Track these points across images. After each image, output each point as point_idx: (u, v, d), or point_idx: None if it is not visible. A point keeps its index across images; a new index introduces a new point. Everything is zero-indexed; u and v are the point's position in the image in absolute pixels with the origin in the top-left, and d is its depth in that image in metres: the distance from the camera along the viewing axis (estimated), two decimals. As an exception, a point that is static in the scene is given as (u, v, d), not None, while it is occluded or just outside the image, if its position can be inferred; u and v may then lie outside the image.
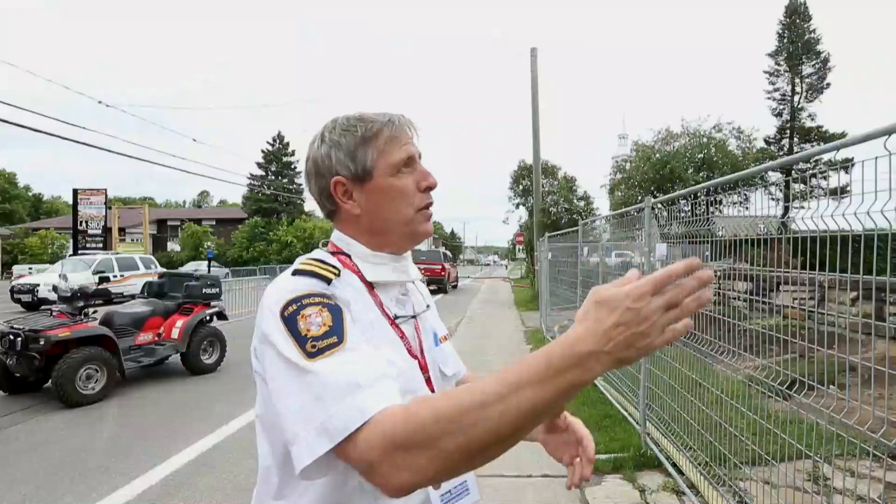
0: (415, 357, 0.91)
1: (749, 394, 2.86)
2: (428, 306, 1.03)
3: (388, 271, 0.92)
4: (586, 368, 0.59)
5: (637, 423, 3.97)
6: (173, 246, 44.30)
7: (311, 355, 0.73)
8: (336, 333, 0.76)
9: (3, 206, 50.59)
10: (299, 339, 0.75)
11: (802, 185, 23.45)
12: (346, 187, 0.90)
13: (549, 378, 0.59)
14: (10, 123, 10.65)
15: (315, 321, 0.77)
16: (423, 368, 0.91)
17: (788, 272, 2.63)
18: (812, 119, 28.76)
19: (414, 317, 0.95)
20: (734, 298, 3.79)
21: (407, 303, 0.96)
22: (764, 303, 3.10)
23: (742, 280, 3.63)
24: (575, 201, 21.34)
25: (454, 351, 1.08)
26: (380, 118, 0.91)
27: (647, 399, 3.75)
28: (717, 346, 3.03)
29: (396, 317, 0.90)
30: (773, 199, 20.41)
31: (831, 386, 2.27)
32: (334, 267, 0.85)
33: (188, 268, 26.13)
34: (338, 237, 0.94)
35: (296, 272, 0.84)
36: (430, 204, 0.94)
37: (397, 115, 0.93)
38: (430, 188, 0.93)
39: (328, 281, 0.82)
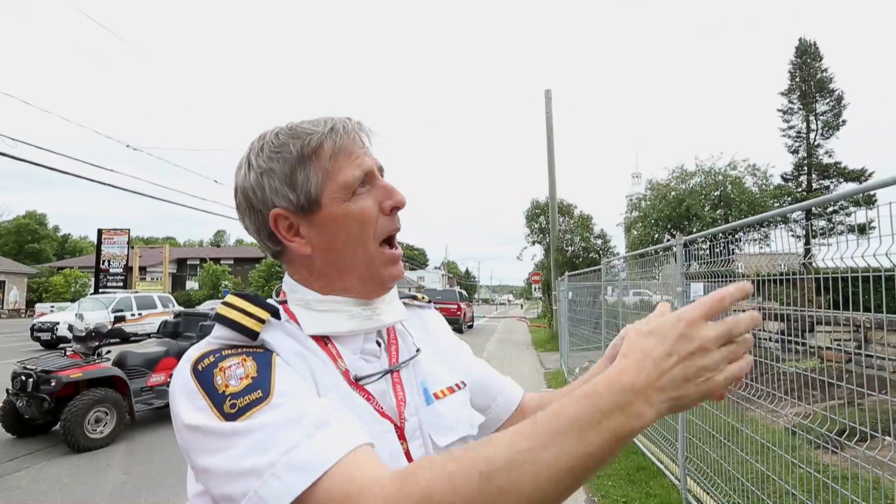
0: (388, 418, 0.70)
1: (795, 443, 2.62)
2: (418, 350, 0.80)
3: (342, 319, 0.72)
4: (633, 413, 0.46)
5: (675, 477, 3.67)
6: (192, 284, 44.76)
7: (228, 417, 0.57)
8: (261, 386, 0.59)
9: (32, 245, 51.97)
10: (214, 396, 0.58)
11: (824, 222, 23.04)
12: (289, 221, 0.72)
13: (583, 429, 0.46)
14: (44, 167, 11.00)
15: (236, 373, 0.60)
16: (401, 436, 0.71)
17: (829, 312, 2.44)
18: (830, 156, 28.51)
19: (390, 371, 0.74)
20: (766, 339, 3.57)
21: (380, 355, 0.76)
22: (800, 344, 2.90)
23: (773, 320, 3.43)
24: (592, 239, 21.17)
25: (467, 401, 0.83)
26: (318, 128, 0.72)
27: (685, 451, 3.48)
28: (755, 389, 2.81)
29: (357, 378, 0.70)
30: (794, 235, 19.96)
31: (886, 437, 2.05)
32: (266, 311, 0.67)
33: (205, 307, 26.27)
34: (286, 283, 0.76)
35: (216, 318, 0.67)
36: (397, 230, 0.75)
37: (342, 120, 0.73)
38: (398, 208, 0.74)
39: (253, 335, 0.65)
